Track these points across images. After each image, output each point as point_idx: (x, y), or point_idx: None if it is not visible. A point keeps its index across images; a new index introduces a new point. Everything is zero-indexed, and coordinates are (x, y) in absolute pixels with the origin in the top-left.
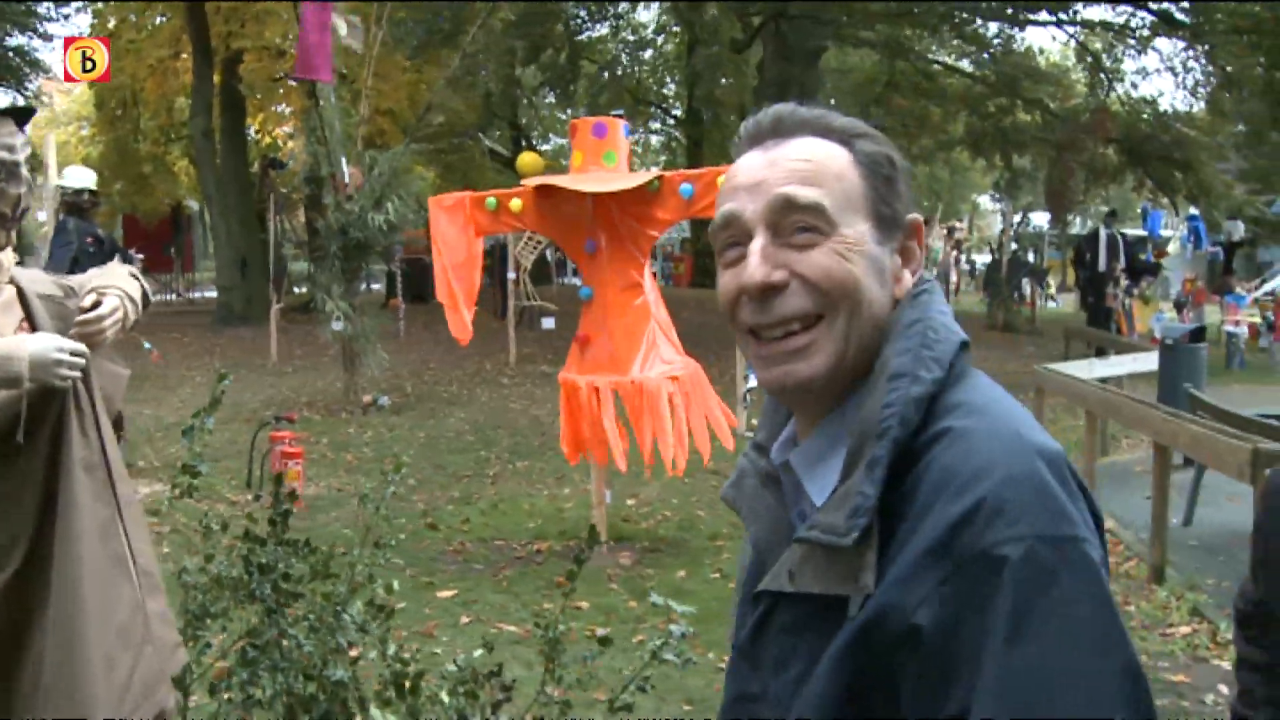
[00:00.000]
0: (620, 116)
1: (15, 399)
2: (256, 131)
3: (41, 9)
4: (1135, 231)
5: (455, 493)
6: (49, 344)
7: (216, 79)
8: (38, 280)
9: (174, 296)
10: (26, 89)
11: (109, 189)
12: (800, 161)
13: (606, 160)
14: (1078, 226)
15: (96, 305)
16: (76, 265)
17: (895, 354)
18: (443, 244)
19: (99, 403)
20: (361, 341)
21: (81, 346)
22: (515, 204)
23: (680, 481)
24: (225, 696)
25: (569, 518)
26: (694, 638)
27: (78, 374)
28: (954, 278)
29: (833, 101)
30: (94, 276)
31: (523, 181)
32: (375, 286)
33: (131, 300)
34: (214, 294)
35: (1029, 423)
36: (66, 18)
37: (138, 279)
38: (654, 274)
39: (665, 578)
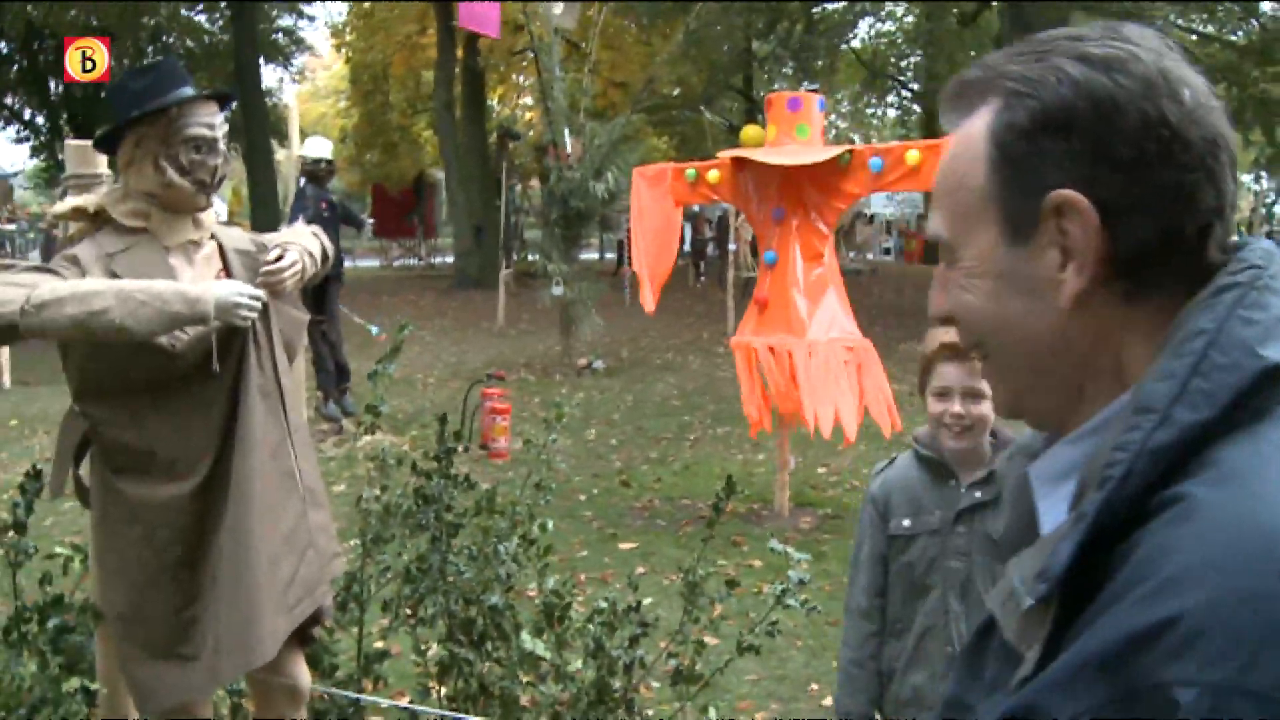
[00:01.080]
0: (816, 91)
1: (205, 334)
2: (498, 103)
3: None
4: None
5: (653, 454)
6: (232, 289)
7: (459, 54)
8: (235, 237)
9: (416, 261)
10: (292, 65)
11: (361, 159)
12: (942, 168)
13: (799, 133)
14: None
15: (279, 259)
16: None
17: (1154, 377)
18: (641, 213)
19: (276, 341)
20: (578, 306)
21: (260, 293)
22: (713, 175)
23: (874, 451)
24: (395, 613)
25: (757, 482)
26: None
27: (255, 316)
28: None
29: None
30: (283, 234)
31: (718, 154)
32: (609, 256)
33: (310, 256)
34: (453, 259)
35: None
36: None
37: (319, 238)
38: (835, 247)
39: (841, 543)
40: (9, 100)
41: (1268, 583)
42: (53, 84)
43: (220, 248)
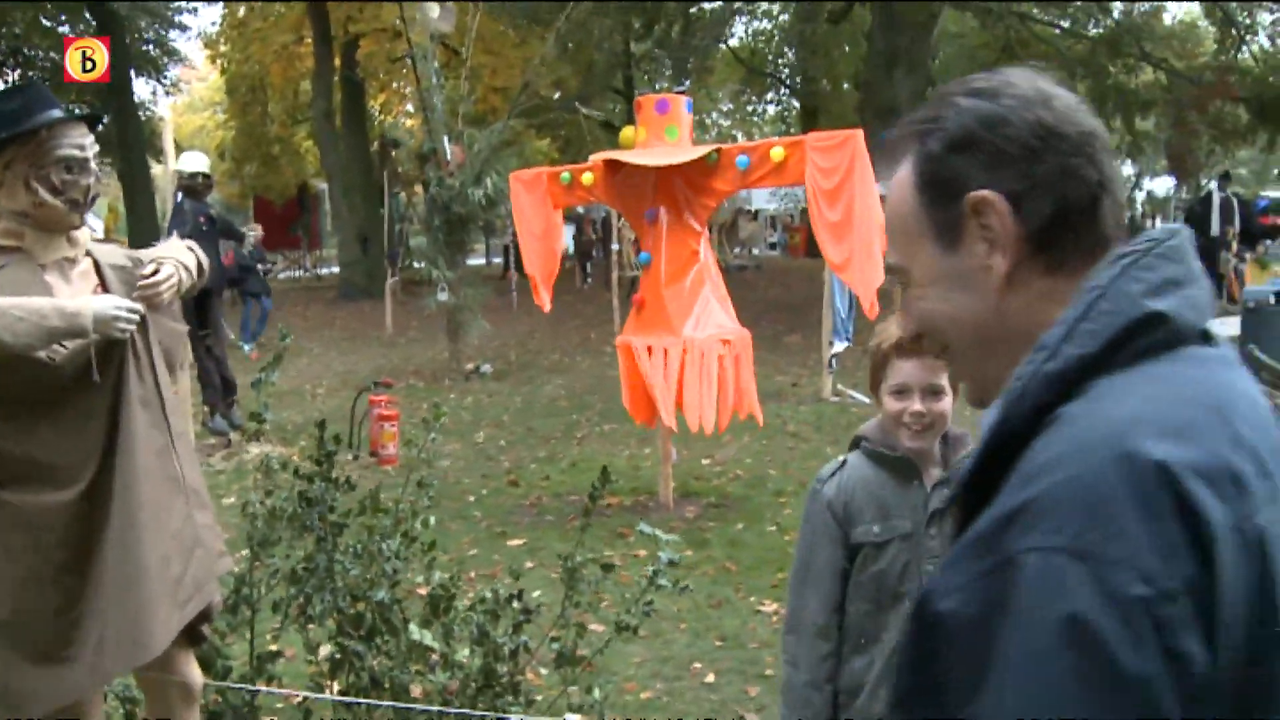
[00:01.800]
0: (684, 92)
1: (85, 347)
2: (379, 111)
3: (175, 4)
4: (1275, 194)
5: (541, 453)
6: (109, 303)
7: (337, 62)
8: (110, 253)
9: (302, 273)
10: (165, 78)
11: (240, 171)
12: (886, 211)
13: (669, 135)
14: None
15: (155, 273)
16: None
17: (1056, 323)
18: (523, 217)
19: (156, 352)
20: (465, 312)
21: (137, 306)
22: (586, 177)
23: (757, 442)
24: (285, 613)
25: (643, 476)
26: (739, 582)
27: (133, 328)
28: None
29: (935, 63)
30: (157, 249)
31: (591, 157)
32: (497, 260)
33: (185, 269)
34: (338, 269)
35: (1165, 422)
36: (195, 12)
37: (194, 251)
38: (711, 243)
39: (724, 530)
40: None
41: (1102, 470)
42: None
43: (96, 264)
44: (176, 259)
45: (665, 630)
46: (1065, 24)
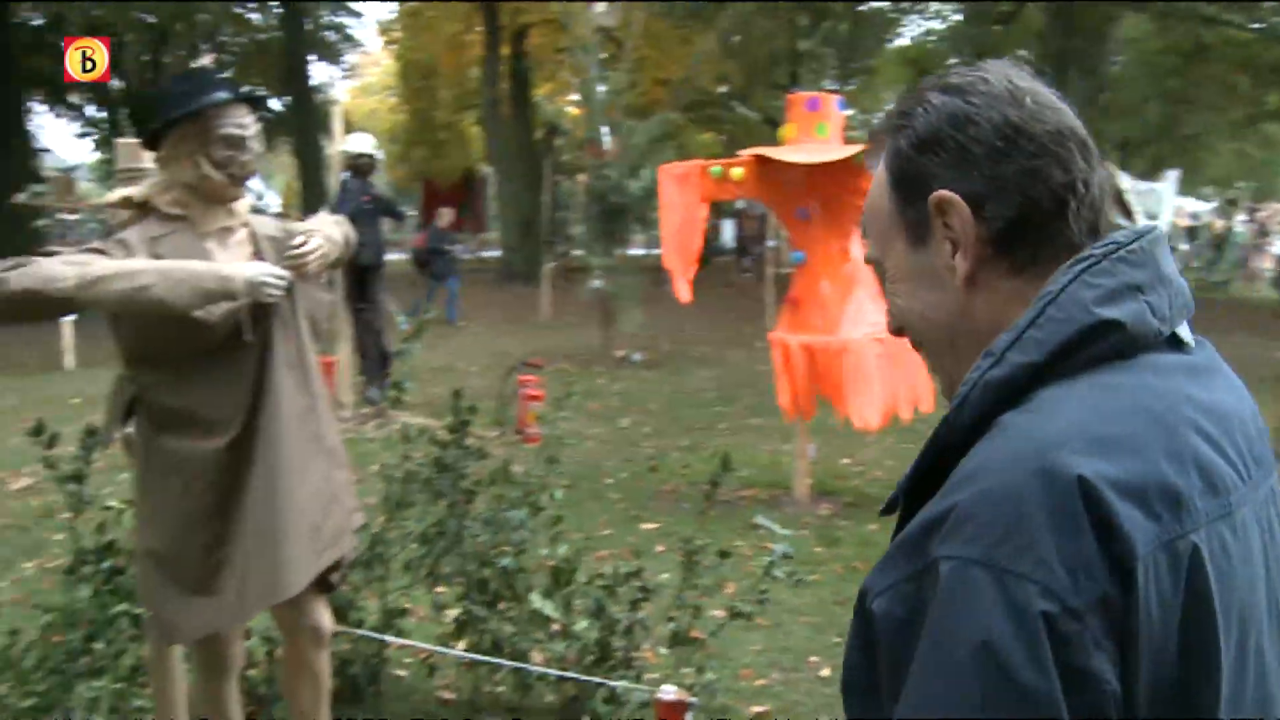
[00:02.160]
0: (835, 92)
1: (236, 309)
2: (544, 100)
3: None
4: None
5: (684, 442)
6: (260, 269)
7: (505, 51)
8: (266, 224)
9: (467, 255)
10: (341, 62)
11: (409, 154)
12: (866, 201)
13: (819, 132)
14: None
15: (304, 244)
16: (353, 219)
17: (1005, 330)
18: (668, 209)
19: (301, 318)
20: (618, 300)
21: (286, 273)
22: (737, 172)
23: (900, 445)
24: (415, 571)
25: (783, 470)
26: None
27: (281, 294)
28: (1251, 263)
29: (1114, 68)
30: (308, 222)
31: (739, 153)
32: (656, 251)
33: (333, 241)
34: (500, 253)
35: (1097, 436)
36: None
37: (341, 226)
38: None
39: (857, 529)
40: (73, 98)
41: (1023, 482)
42: (113, 81)
43: (252, 234)
44: (325, 232)
45: (787, 622)
46: (1258, 25)
